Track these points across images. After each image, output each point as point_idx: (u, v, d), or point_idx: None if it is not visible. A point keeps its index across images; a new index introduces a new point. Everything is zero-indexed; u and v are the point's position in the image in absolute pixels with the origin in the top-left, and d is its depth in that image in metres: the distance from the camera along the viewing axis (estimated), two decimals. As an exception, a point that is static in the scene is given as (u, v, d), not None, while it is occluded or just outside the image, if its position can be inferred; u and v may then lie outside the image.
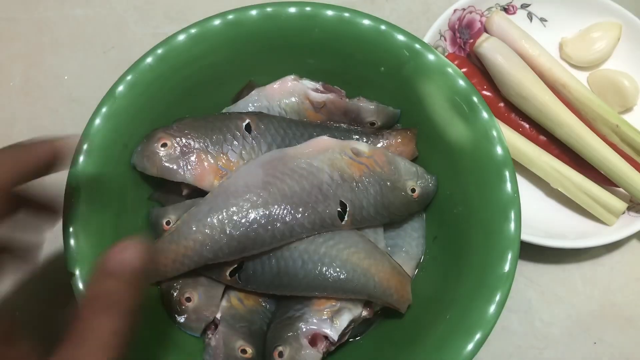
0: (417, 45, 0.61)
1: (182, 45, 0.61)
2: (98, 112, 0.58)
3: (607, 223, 0.77)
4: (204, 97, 0.64)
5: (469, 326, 0.52)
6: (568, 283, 0.77)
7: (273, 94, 0.64)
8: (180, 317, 0.57)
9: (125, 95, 0.59)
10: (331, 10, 0.62)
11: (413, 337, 0.57)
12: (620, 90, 0.84)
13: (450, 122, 0.60)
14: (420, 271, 0.63)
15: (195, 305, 0.57)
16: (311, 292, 0.57)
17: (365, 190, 0.58)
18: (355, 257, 0.56)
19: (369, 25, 0.62)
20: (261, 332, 0.58)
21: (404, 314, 0.59)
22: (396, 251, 0.62)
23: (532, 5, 0.89)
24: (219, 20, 0.62)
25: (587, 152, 0.76)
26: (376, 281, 0.56)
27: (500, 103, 0.80)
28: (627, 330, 0.75)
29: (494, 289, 0.53)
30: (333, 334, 0.56)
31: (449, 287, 0.58)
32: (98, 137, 0.56)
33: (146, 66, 0.60)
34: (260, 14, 0.62)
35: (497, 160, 0.57)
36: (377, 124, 0.65)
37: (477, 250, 0.56)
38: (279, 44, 0.63)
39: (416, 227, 0.64)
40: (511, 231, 0.54)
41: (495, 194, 0.56)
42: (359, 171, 0.58)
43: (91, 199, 0.54)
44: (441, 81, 0.60)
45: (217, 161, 0.59)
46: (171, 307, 0.58)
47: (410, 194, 0.60)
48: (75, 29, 0.90)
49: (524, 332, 0.74)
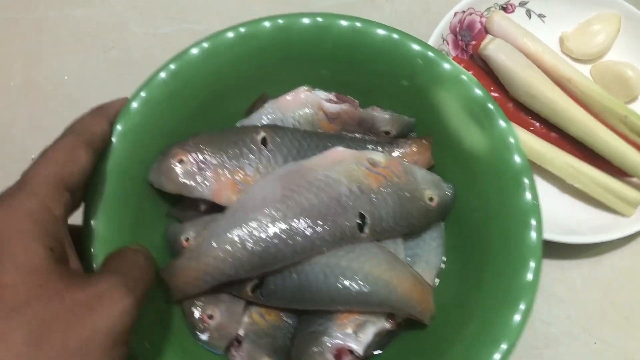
0: (431, 54, 0.61)
1: (195, 60, 0.60)
2: (114, 130, 0.57)
3: (625, 214, 0.78)
4: (217, 111, 0.63)
5: (495, 336, 0.52)
6: (568, 283, 0.78)
7: (286, 106, 0.64)
8: (203, 334, 0.57)
9: (139, 112, 0.58)
10: (344, 20, 0.62)
11: (438, 348, 0.57)
12: (625, 81, 0.84)
13: (467, 130, 0.60)
14: (441, 281, 0.63)
15: (218, 322, 0.57)
16: (334, 306, 0.57)
17: (383, 201, 0.58)
18: (376, 270, 0.56)
19: (383, 34, 0.62)
20: (285, 347, 0.58)
21: (427, 324, 0.59)
22: (416, 261, 0.62)
23: (530, 2, 0.90)
24: (231, 34, 0.61)
25: (599, 145, 0.77)
26: (399, 293, 0.56)
27: (509, 103, 0.81)
28: (627, 330, 0.76)
29: (518, 298, 0.52)
30: (358, 347, 0.56)
31: (470, 296, 0.58)
32: (114, 156, 0.56)
33: (160, 82, 0.59)
34: (273, 26, 0.62)
35: (516, 168, 0.57)
36: (392, 133, 0.64)
37: (498, 259, 0.56)
38: (291, 55, 0.63)
39: (435, 236, 0.64)
40: (533, 239, 0.54)
41: (515, 202, 0.56)
42: (376, 182, 0.58)
43: (108, 217, 0.54)
44: (456, 89, 0.60)
45: (234, 175, 0.58)
46: (194, 325, 0.57)
47: (428, 203, 0.60)
48: (75, 29, 0.89)
49: (524, 332, 0.75)
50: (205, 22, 0.91)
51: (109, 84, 0.86)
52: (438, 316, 0.59)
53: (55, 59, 0.87)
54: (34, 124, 0.83)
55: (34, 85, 0.85)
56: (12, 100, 0.84)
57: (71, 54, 0.88)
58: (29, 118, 0.84)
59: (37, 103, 0.84)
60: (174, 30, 0.90)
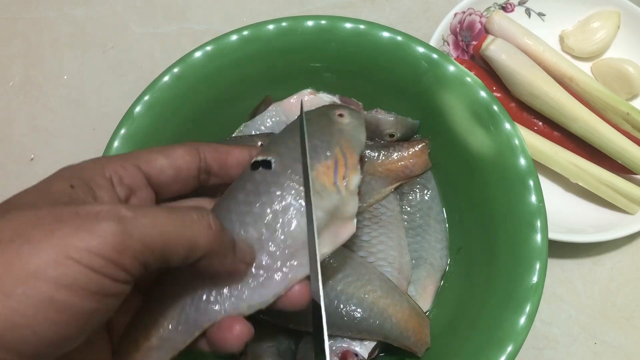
0: (435, 56, 0.61)
1: (198, 63, 0.61)
2: (117, 133, 0.57)
3: (629, 212, 0.78)
4: (221, 114, 0.64)
5: (501, 338, 0.52)
6: (568, 283, 0.78)
7: (290, 109, 0.64)
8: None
9: (143, 115, 0.58)
10: (348, 23, 0.62)
11: (444, 350, 0.57)
12: (626, 78, 0.85)
13: (472, 132, 0.60)
14: (445, 282, 0.63)
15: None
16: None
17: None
18: (372, 296, 0.56)
19: (386, 37, 0.62)
20: (289, 351, 0.58)
21: (420, 357, 0.58)
22: (421, 263, 0.63)
23: (529, 1, 0.90)
24: (235, 36, 0.61)
25: (603, 143, 0.77)
26: (393, 322, 0.56)
27: (511, 103, 0.81)
28: (627, 330, 0.76)
29: (523, 301, 0.53)
30: (363, 351, 0.56)
31: (475, 297, 0.58)
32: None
33: (163, 85, 0.59)
34: (277, 29, 0.62)
35: (521, 170, 0.57)
36: (397, 136, 0.65)
37: (503, 261, 0.56)
38: (295, 58, 0.63)
39: (439, 238, 0.64)
40: (538, 241, 0.54)
41: (520, 204, 0.56)
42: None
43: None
44: (461, 91, 0.60)
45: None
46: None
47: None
48: (75, 29, 0.89)
49: (525, 332, 0.76)
50: (205, 22, 0.90)
51: (109, 84, 0.86)
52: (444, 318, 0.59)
53: (54, 59, 0.87)
54: (34, 124, 0.83)
55: (34, 85, 0.85)
56: (12, 100, 0.84)
57: (71, 53, 0.87)
58: (28, 118, 0.83)
59: (36, 103, 0.84)
60: (174, 30, 0.89)
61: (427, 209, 0.66)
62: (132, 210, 0.35)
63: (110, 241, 0.33)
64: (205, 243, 0.38)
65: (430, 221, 0.65)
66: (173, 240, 0.36)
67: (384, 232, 0.63)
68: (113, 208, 0.34)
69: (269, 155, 0.47)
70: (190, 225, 0.37)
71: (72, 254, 0.31)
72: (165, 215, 0.36)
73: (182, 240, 0.37)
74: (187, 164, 0.46)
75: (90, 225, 0.33)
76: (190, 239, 0.37)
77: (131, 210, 0.35)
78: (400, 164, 0.64)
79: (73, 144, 0.82)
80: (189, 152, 0.46)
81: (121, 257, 0.33)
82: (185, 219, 0.37)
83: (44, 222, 0.33)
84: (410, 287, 0.62)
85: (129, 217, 0.34)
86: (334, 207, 0.46)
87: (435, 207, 0.66)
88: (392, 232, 0.63)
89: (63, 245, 0.32)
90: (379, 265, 0.60)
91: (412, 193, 0.66)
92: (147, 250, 0.35)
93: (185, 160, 0.46)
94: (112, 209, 0.34)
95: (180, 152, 0.46)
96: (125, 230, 0.33)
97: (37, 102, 0.84)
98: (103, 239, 0.32)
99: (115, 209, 0.34)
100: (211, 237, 0.38)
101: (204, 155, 0.47)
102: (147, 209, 0.36)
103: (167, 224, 0.36)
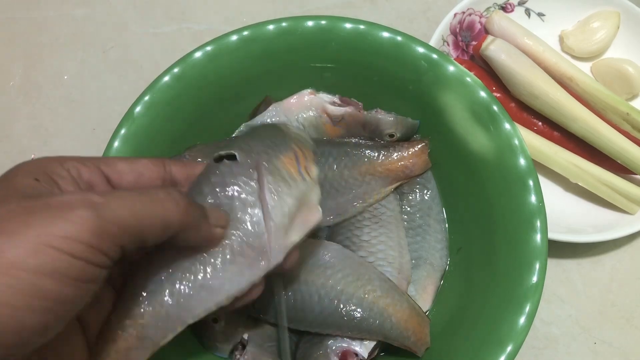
0: (435, 56, 0.61)
1: (198, 63, 0.61)
2: (117, 134, 0.57)
3: (630, 212, 0.78)
4: (221, 114, 0.64)
5: (501, 338, 0.52)
6: (568, 283, 0.78)
7: (290, 109, 0.64)
8: (208, 338, 0.57)
9: (143, 116, 0.58)
10: (348, 23, 0.62)
11: (444, 349, 0.57)
12: (626, 78, 0.84)
13: (472, 132, 0.60)
14: (445, 282, 0.63)
15: (223, 326, 0.57)
16: (325, 329, 0.57)
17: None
18: (371, 295, 0.56)
19: (386, 37, 0.62)
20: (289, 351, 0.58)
21: (419, 356, 0.58)
22: (421, 263, 0.63)
23: (529, 2, 0.90)
24: (235, 36, 0.61)
25: (603, 143, 0.77)
26: (393, 322, 0.56)
27: (511, 103, 0.81)
28: (627, 330, 0.76)
29: (523, 301, 0.53)
30: (363, 351, 0.56)
31: (475, 297, 0.58)
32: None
33: (163, 85, 0.59)
34: (277, 29, 0.62)
35: (521, 170, 0.57)
36: (397, 136, 0.65)
37: (503, 261, 0.57)
38: (295, 58, 0.63)
39: (439, 238, 0.64)
40: (537, 241, 0.54)
41: (520, 204, 0.56)
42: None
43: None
44: (461, 92, 0.60)
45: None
46: (198, 328, 0.57)
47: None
48: (75, 29, 0.89)
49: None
50: (205, 22, 0.90)
51: (109, 84, 0.86)
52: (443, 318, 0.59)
53: (55, 59, 0.87)
54: (34, 124, 0.83)
55: (34, 85, 0.85)
56: (12, 100, 0.84)
57: (71, 53, 0.87)
58: (28, 118, 0.83)
59: (36, 103, 0.84)
60: (174, 30, 0.89)
61: (427, 209, 0.66)
62: (103, 196, 0.35)
63: (87, 227, 0.33)
64: (177, 218, 0.39)
65: (430, 221, 0.65)
66: (146, 220, 0.37)
67: (384, 232, 0.63)
68: (83, 196, 0.35)
69: (232, 149, 0.48)
70: (159, 203, 0.38)
71: (51, 242, 0.32)
72: (135, 196, 0.37)
73: (154, 218, 0.37)
74: (150, 171, 0.46)
75: (65, 213, 0.33)
76: (162, 216, 0.38)
77: (102, 196, 0.35)
78: (400, 164, 0.64)
79: (73, 144, 0.82)
80: (153, 162, 0.47)
81: (99, 241, 0.34)
82: (153, 198, 0.38)
83: (15, 214, 0.33)
84: (410, 287, 0.62)
85: (100, 202, 0.35)
86: (302, 194, 0.47)
87: (435, 207, 0.66)
88: (392, 232, 0.63)
89: (41, 235, 0.32)
90: (379, 265, 0.60)
91: (412, 193, 0.66)
92: (123, 232, 0.35)
93: (147, 168, 0.46)
94: (83, 196, 0.35)
95: (144, 160, 0.46)
96: (99, 215, 0.34)
97: (37, 102, 0.84)
98: (80, 226, 0.33)
99: (86, 197, 0.35)
100: (181, 210, 0.39)
101: (169, 168, 0.47)
102: (116, 192, 0.38)
103: (137, 205, 0.37)
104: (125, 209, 0.36)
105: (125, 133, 0.57)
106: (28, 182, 0.38)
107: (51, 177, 0.40)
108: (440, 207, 0.66)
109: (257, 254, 0.44)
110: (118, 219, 0.35)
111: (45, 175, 0.39)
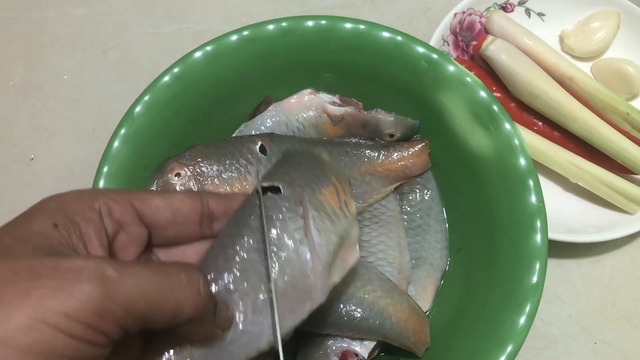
0: (435, 56, 0.61)
1: (198, 63, 0.61)
2: (117, 134, 0.57)
3: (630, 212, 0.78)
4: (221, 114, 0.64)
5: (501, 338, 0.52)
6: (568, 283, 0.78)
7: (290, 109, 0.64)
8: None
9: (143, 115, 0.58)
10: (348, 23, 0.62)
11: (444, 349, 0.57)
12: (626, 78, 0.84)
13: (472, 132, 0.60)
14: (445, 282, 0.63)
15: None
16: (325, 329, 0.56)
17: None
18: (371, 295, 0.56)
19: (386, 37, 0.62)
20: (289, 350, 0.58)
21: (419, 356, 0.58)
22: (421, 263, 0.63)
23: (529, 1, 0.90)
24: (235, 36, 0.61)
25: (603, 143, 0.77)
26: (393, 322, 0.56)
27: (511, 103, 0.81)
28: (627, 330, 0.76)
29: (523, 301, 0.53)
30: (363, 351, 0.56)
31: (475, 297, 0.58)
32: (118, 160, 0.56)
33: (163, 85, 0.59)
34: (277, 29, 0.62)
35: (521, 170, 0.57)
36: (397, 136, 0.65)
37: (503, 261, 0.56)
38: (295, 58, 0.63)
39: (439, 238, 0.64)
40: (538, 241, 0.54)
41: (520, 204, 0.56)
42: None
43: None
44: (461, 91, 0.60)
45: (232, 187, 0.58)
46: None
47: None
48: (75, 29, 0.89)
49: (524, 332, 0.76)
50: (205, 22, 0.90)
51: (109, 84, 0.86)
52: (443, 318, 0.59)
53: (55, 59, 0.87)
54: (34, 124, 0.83)
55: (34, 85, 0.85)
56: (12, 100, 0.84)
57: (71, 53, 0.88)
58: (28, 118, 0.83)
59: (37, 103, 0.84)
60: (174, 30, 0.90)
61: (427, 209, 0.66)
62: (118, 270, 0.33)
63: (91, 306, 0.31)
64: (191, 310, 0.37)
65: (430, 221, 0.65)
66: (157, 306, 0.35)
67: (384, 232, 0.63)
68: (97, 265, 0.33)
69: (275, 181, 0.46)
70: (178, 289, 0.36)
71: (48, 318, 0.30)
72: (152, 276, 0.35)
73: (167, 305, 0.35)
74: (187, 206, 0.44)
75: (70, 285, 0.31)
76: (176, 305, 0.36)
77: (117, 269, 0.33)
78: (400, 164, 0.64)
79: (73, 144, 0.82)
80: (189, 196, 0.45)
81: (101, 322, 0.32)
82: (173, 282, 0.36)
83: (20, 278, 0.31)
84: (410, 287, 0.62)
85: (113, 278, 0.32)
86: (344, 231, 0.46)
87: (435, 207, 0.66)
88: (392, 232, 0.63)
89: (39, 308, 0.30)
90: (379, 265, 0.60)
91: (412, 193, 0.66)
92: (128, 315, 0.33)
93: (184, 203, 0.44)
94: (96, 266, 0.33)
95: (180, 195, 0.45)
96: (107, 294, 0.32)
97: (37, 102, 0.84)
98: (83, 303, 0.31)
99: (99, 267, 0.33)
100: (199, 303, 0.37)
101: (206, 202, 0.45)
102: (133, 267, 0.35)
103: (152, 288, 0.34)
104: (138, 291, 0.33)
105: (125, 133, 0.57)
106: (45, 228, 0.36)
107: (74, 221, 0.37)
108: (440, 207, 0.66)
109: (301, 295, 0.42)
110: (127, 301, 0.33)
111: (67, 218, 0.37)
